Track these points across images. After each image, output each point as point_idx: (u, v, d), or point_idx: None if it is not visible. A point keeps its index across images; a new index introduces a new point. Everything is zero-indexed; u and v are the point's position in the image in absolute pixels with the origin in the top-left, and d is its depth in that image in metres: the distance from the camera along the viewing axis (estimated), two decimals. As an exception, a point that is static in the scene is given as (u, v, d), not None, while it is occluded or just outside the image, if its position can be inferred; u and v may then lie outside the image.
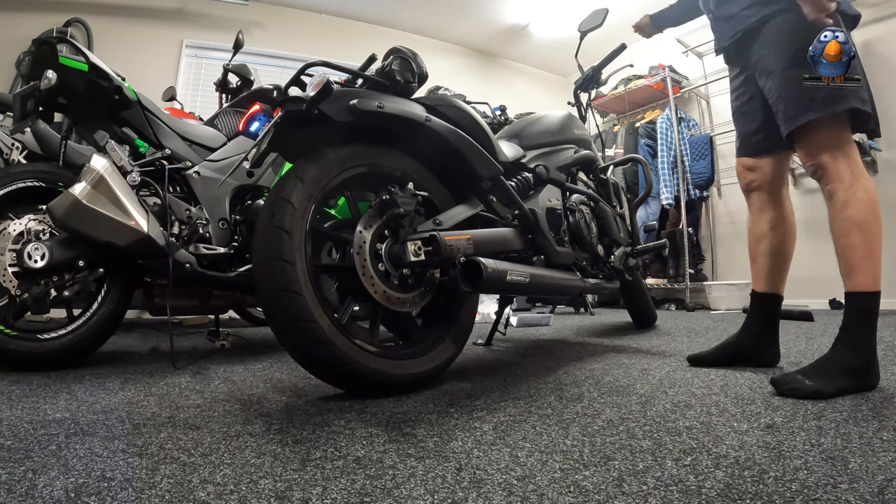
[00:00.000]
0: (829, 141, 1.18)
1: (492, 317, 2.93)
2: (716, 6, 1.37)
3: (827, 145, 1.19)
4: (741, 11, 1.27)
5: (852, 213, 1.16)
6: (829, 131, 1.18)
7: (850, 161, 1.18)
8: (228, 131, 2.12)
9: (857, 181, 1.16)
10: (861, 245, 1.15)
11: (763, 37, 1.25)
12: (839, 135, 1.18)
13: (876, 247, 1.15)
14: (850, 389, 1.09)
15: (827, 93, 1.14)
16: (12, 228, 1.61)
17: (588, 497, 0.63)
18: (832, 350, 1.17)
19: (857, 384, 1.10)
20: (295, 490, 0.66)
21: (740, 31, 1.30)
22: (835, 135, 1.18)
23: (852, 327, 1.15)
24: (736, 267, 4.37)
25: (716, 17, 1.39)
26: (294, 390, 1.30)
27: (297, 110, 1.17)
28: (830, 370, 1.11)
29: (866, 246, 1.15)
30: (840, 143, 1.18)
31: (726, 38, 1.36)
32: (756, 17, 1.24)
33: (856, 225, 1.15)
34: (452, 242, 1.27)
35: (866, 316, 1.14)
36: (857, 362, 1.11)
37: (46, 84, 1.61)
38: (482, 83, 5.55)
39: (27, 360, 1.56)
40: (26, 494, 0.64)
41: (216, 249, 1.83)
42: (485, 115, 2.94)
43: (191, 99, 4.28)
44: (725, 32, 1.36)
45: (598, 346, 2.04)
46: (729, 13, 1.32)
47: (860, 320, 1.15)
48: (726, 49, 1.39)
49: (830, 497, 0.60)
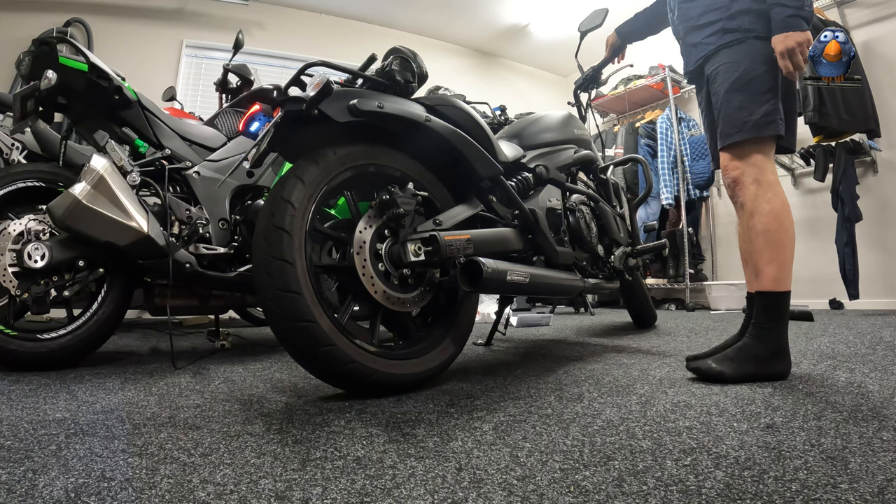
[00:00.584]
0: (747, 158, 1.32)
1: (492, 317, 2.93)
2: (685, 34, 1.49)
3: (745, 162, 1.32)
4: (704, 39, 1.41)
5: (755, 222, 1.29)
6: (749, 150, 1.31)
7: (761, 178, 1.30)
8: (228, 131, 2.12)
9: (764, 196, 1.29)
10: (763, 251, 1.28)
11: (716, 60, 1.38)
12: (757, 153, 1.30)
13: (780, 252, 1.28)
14: (753, 376, 1.23)
15: (756, 119, 1.29)
16: (12, 228, 1.61)
17: (588, 497, 0.63)
18: (742, 341, 1.30)
19: (762, 371, 1.24)
20: (295, 490, 0.66)
21: (702, 57, 1.43)
22: (754, 154, 1.31)
23: (760, 322, 1.28)
24: (736, 267, 4.36)
25: (685, 43, 1.51)
26: (294, 390, 1.30)
27: (297, 110, 1.17)
28: (737, 357, 1.26)
29: (768, 251, 1.28)
30: (756, 162, 1.31)
31: (692, 63, 1.48)
32: (715, 45, 1.37)
33: (758, 233, 1.29)
34: (452, 242, 1.27)
35: (773, 312, 1.28)
36: (763, 352, 1.25)
37: (46, 84, 1.61)
38: (482, 83, 5.56)
39: (27, 360, 1.56)
40: (26, 494, 0.64)
41: (216, 249, 1.83)
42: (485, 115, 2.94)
43: (191, 99, 4.28)
44: (692, 57, 1.48)
45: (598, 346, 2.04)
46: (695, 41, 1.45)
47: (767, 316, 1.28)
48: (692, 72, 1.51)
49: (830, 497, 0.60)
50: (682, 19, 1.49)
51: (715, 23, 1.37)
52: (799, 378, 1.26)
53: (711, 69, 1.39)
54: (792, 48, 1.24)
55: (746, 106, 1.30)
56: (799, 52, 1.24)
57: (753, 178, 1.30)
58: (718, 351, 1.50)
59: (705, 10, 1.40)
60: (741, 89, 1.30)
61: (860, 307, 3.40)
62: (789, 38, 1.24)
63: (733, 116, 1.32)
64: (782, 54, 1.25)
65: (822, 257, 3.59)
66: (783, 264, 1.28)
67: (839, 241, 3.28)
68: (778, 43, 1.25)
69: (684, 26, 1.48)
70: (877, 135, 3.31)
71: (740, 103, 1.31)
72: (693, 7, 1.43)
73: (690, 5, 1.44)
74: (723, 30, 1.35)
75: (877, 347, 1.70)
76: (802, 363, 1.46)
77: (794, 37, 1.23)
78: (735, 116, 1.31)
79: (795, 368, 1.38)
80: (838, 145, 3.41)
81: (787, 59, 1.25)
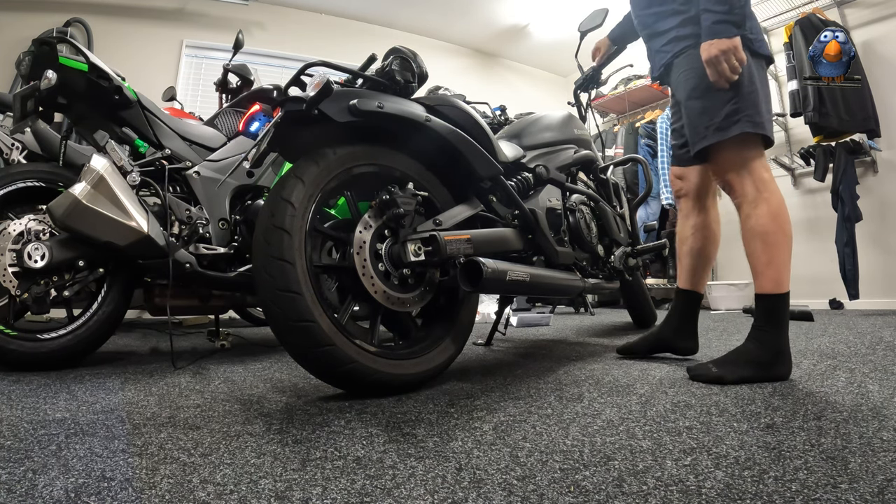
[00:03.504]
0: (732, 160, 1.30)
1: (492, 317, 2.93)
2: (648, 39, 1.51)
3: (731, 165, 1.31)
4: (663, 47, 1.42)
5: (753, 224, 1.29)
6: (731, 152, 1.30)
7: (753, 177, 1.29)
8: (228, 131, 2.12)
9: (759, 195, 1.28)
10: (762, 253, 1.27)
11: (675, 70, 1.39)
12: (742, 154, 1.29)
13: (778, 254, 1.27)
14: (753, 378, 1.22)
15: (719, 122, 1.27)
16: (12, 228, 1.61)
17: (588, 497, 0.63)
18: (742, 344, 1.29)
19: (762, 374, 1.23)
20: (295, 490, 0.66)
21: (662, 65, 1.45)
22: (738, 155, 1.29)
23: (760, 325, 1.28)
24: (736, 267, 4.36)
25: (649, 48, 1.52)
26: (294, 390, 1.30)
27: (297, 110, 1.17)
28: (736, 361, 1.26)
29: (767, 254, 1.27)
30: (744, 162, 1.29)
31: (656, 70, 1.51)
32: (670, 53, 1.38)
33: (757, 235, 1.28)
34: (452, 242, 1.27)
35: (773, 315, 1.27)
36: (763, 356, 1.24)
37: (46, 84, 1.61)
38: (482, 83, 5.55)
39: (27, 360, 1.56)
40: (26, 494, 0.64)
41: (216, 249, 1.83)
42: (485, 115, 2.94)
43: (191, 99, 4.28)
44: (656, 63, 1.50)
45: (598, 346, 2.04)
46: (656, 48, 1.46)
47: (767, 319, 1.27)
48: (659, 77, 1.52)
49: (830, 497, 0.60)
50: (642, 26, 1.49)
51: (669, 31, 1.37)
52: (799, 378, 1.26)
53: (672, 78, 1.40)
54: (716, 56, 1.21)
55: (707, 111, 1.29)
56: (724, 59, 1.21)
57: (745, 177, 1.30)
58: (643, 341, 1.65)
59: (659, 18, 1.40)
60: (700, 96, 1.30)
61: (860, 307, 3.40)
62: (713, 46, 1.22)
63: (696, 123, 1.32)
64: (707, 62, 1.23)
65: (822, 257, 3.59)
66: (781, 266, 1.27)
67: (839, 241, 3.29)
68: (703, 51, 1.24)
69: (645, 33, 1.50)
70: (877, 135, 3.32)
71: (701, 109, 1.30)
72: (649, 16, 1.44)
73: (647, 13, 1.44)
74: (676, 38, 1.36)
75: (877, 347, 1.70)
76: (802, 363, 1.47)
77: (718, 44, 1.21)
78: (698, 123, 1.32)
79: (795, 368, 1.38)
80: (838, 145, 3.42)
81: (713, 67, 1.23)
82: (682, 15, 1.34)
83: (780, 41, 3.83)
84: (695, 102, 1.31)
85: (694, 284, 1.59)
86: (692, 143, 1.34)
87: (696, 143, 1.33)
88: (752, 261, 1.31)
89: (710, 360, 1.31)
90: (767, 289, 1.28)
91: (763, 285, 1.28)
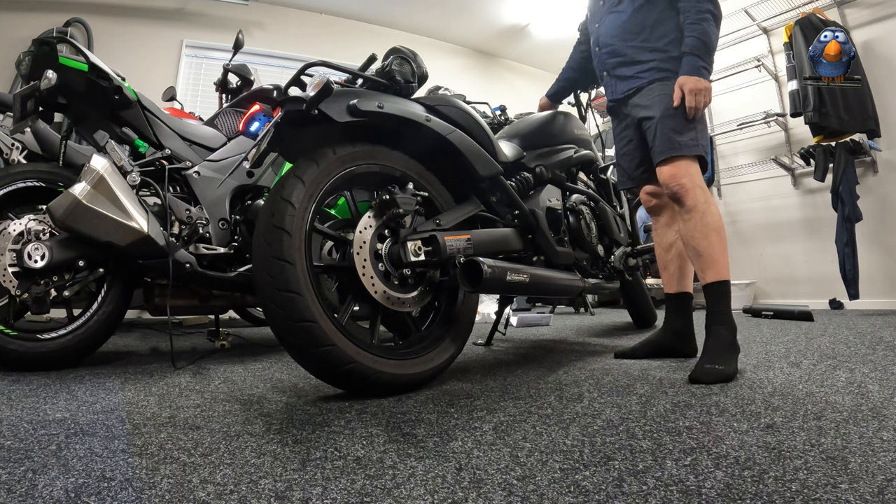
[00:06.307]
0: (687, 170, 1.52)
1: (492, 317, 2.93)
2: (613, 68, 1.68)
3: (686, 174, 1.51)
4: (638, 73, 1.62)
5: (709, 220, 1.49)
6: (689, 166, 1.53)
7: (703, 187, 1.53)
8: (228, 131, 2.12)
9: (708, 201, 1.52)
10: (717, 244, 1.49)
11: (648, 92, 1.59)
12: (693, 169, 1.53)
13: (726, 247, 1.51)
14: (735, 358, 1.37)
15: (687, 140, 1.51)
16: (12, 228, 1.61)
17: (588, 497, 0.63)
18: (712, 333, 1.43)
19: (736, 350, 1.40)
20: (295, 490, 0.66)
21: (633, 88, 1.63)
22: (693, 168, 1.53)
23: (718, 308, 1.46)
24: (736, 267, 4.36)
25: (611, 75, 1.70)
26: (294, 390, 1.30)
27: (297, 110, 1.17)
28: (721, 348, 1.37)
29: (720, 245, 1.50)
30: (696, 173, 1.53)
31: (620, 92, 1.67)
32: (648, 78, 1.59)
33: (713, 229, 1.50)
34: (452, 242, 1.27)
35: (726, 297, 1.48)
36: (730, 333, 1.42)
37: (46, 84, 1.61)
38: (482, 83, 5.55)
39: (27, 360, 1.56)
40: (26, 494, 0.64)
41: (216, 249, 1.83)
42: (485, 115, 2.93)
43: (191, 99, 4.28)
44: (620, 88, 1.67)
45: (598, 346, 2.04)
46: (626, 74, 1.65)
47: (724, 301, 1.47)
48: (618, 101, 1.70)
49: (830, 497, 0.60)
50: (614, 55, 1.67)
51: (649, 62, 1.59)
52: (799, 378, 1.27)
53: (645, 99, 1.59)
54: (701, 89, 1.47)
55: (678, 129, 1.51)
56: (702, 96, 1.47)
57: (697, 185, 1.51)
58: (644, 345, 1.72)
59: (638, 52, 1.62)
60: (673, 116, 1.51)
61: (860, 307, 3.40)
62: (699, 82, 1.47)
63: (668, 136, 1.52)
64: (692, 91, 1.46)
65: (822, 257, 3.59)
66: (726, 256, 1.51)
67: (839, 241, 3.28)
68: (688, 82, 1.47)
69: (615, 60, 1.67)
70: (877, 135, 3.31)
71: (673, 126, 1.51)
72: (627, 47, 1.64)
73: (626, 45, 1.64)
74: (657, 68, 1.58)
75: (877, 347, 1.70)
76: (803, 363, 1.47)
77: (702, 82, 1.47)
78: (670, 136, 1.51)
79: (796, 368, 1.39)
80: (838, 145, 3.41)
81: (694, 96, 1.46)
82: (665, 53, 1.57)
83: (780, 41, 3.83)
84: (668, 120, 1.52)
85: (683, 286, 1.73)
86: (660, 151, 1.53)
87: (665, 151, 1.52)
88: (709, 251, 1.49)
89: (703, 360, 1.33)
90: (722, 276, 1.48)
91: (719, 272, 1.48)
